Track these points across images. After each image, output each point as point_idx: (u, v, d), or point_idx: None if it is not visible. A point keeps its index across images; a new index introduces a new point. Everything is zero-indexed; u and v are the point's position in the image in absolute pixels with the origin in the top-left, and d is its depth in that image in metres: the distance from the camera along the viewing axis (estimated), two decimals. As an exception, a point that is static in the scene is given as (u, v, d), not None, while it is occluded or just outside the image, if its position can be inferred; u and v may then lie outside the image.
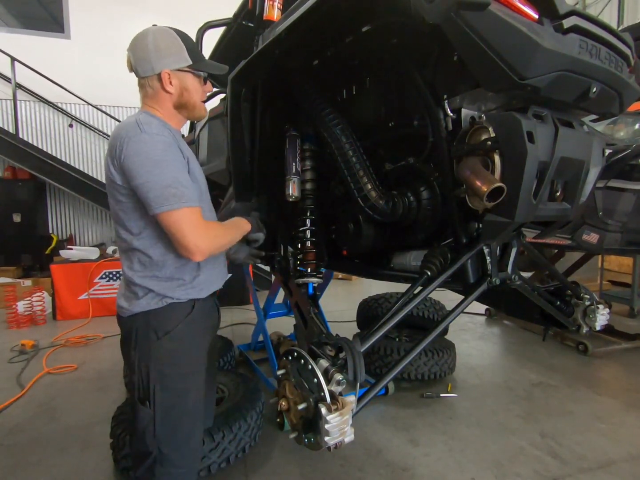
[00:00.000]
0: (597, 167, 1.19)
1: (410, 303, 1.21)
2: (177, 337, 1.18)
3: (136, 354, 1.16)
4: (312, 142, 1.59)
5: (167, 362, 1.17)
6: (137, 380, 1.16)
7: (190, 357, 1.22)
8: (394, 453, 1.99)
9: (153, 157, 1.03)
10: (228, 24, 2.56)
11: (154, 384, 1.15)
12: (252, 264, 3.51)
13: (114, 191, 1.12)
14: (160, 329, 1.16)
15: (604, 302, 1.72)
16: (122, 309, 1.20)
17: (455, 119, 1.17)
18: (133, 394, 1.18)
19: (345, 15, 1.10)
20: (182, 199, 1.04)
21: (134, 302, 1.16)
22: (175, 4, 6.95)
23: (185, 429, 1.20)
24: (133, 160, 1.03)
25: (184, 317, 1.19)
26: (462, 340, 3.62)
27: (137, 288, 1.16)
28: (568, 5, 0.93)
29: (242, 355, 3.22)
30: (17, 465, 1.93)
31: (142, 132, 1.05)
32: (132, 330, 1.17)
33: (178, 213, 1.03)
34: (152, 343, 1.15)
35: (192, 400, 1.22)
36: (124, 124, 1.10)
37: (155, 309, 1.16)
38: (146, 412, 1.15)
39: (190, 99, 1.22)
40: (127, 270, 1.18)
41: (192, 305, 1.22)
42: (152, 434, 1.15)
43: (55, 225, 7.12)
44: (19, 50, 6.15)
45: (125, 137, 1.05)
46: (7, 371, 3.09)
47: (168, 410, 1.16)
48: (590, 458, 1.94)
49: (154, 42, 1.14)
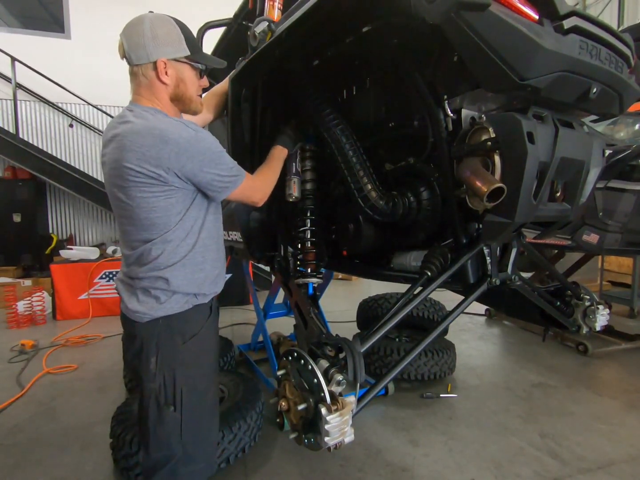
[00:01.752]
0: (597, 168, 1.19)
1: (410, 303, 1.21)
2: (202, 338, 1.18)
3: (158, 360, 1.13)
4: (312, 143, 1.59)
5: (192, 365, 1.16)
6: (160, 386, 1.13)
7: (211, 357, 1.25)
8: (394, 453, 1.99)
9: (215, 150, 1.11)
10: (228, 25, 2.56)
11: (181, 387, 1.13)
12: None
13: (151, 189, 1.05)
14: (186, 333, 1.15)
15: (604, 302, 1.72)
16: (136, 313, 1.13)
17: (456, 120, 1.17)
18: (152, 402, 1.14)
19: (345, 16, 1.10)
20: (241, 173, 1.19)
21: (156, 306, 1.12)
22: (176, 4, 6.96)
23: (206, 426, 1.23)
24: (200, 160, 1.07)
25: (206, 319, 1.21)
26: (462, 340, 3.62)
27: (159, 292, 1.12)
28: (568, 6, 0.93)
29: (242, 355, 3.22)
30: (17, 465, 1.93)
31: (196, 132, 1.08)
32: (153, 336, 1.13)
33: (242, 185, 1.20)
34: (177, 347, 1.14)
35: (211, 397, 1.25)
36: (157, 124, 1.05)
37: (178, 313, 1.14)
38: (173, 417, 1.13)
39: (187, 92, 1.18)
40: (146, 272, 1.11)
41: (210, 306, 1.24)
42: (179, 437, 1.14)
43: (55, 225, 7.12)
44: (19, 50, 6.15)
45: (179, 140, 1.03)
46: (7, 371, 3.09)
47: (194, 411, 1.16)
48: (590, 458, 1.93)
49: (151, 28, 1.08)
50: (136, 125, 1.05)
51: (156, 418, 1.14)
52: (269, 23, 1.36)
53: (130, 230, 1.12)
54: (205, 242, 1.18)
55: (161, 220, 1.09)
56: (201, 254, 1.17)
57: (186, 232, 1.13)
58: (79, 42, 6.86)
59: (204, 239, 1.17)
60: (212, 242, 1.21)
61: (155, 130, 1.03)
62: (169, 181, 1.05)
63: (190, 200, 1.13)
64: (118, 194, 1.08)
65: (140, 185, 1.04)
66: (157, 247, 1.10)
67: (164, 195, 1.07)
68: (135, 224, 1.10)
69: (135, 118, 1.07)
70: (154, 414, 1.14)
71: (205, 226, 1.18)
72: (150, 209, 1.07)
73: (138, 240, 1.12)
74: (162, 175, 1.04)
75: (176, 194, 1.08)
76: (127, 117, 1.08)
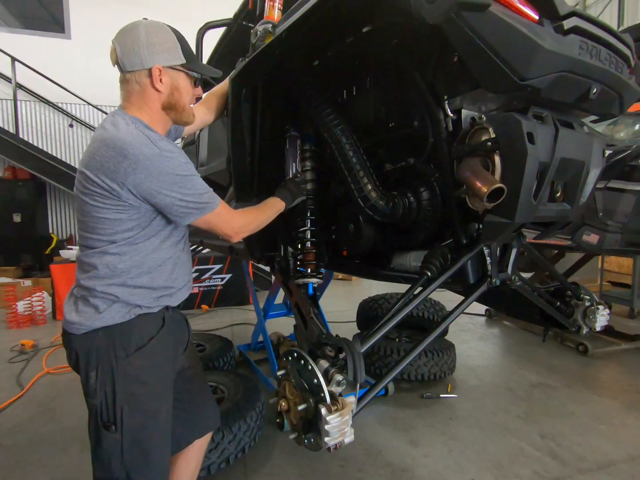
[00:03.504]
0: (598, 168, 1.19)
1: (410, 304, 1.21)
2: (149, 352, 1.09)
3: (97, 375, 1.05)
4: (312, 143, 1.59)
5: (136, 381, 1.07)
6: (100, 404, 1.05)
7: (162, 374, 1.14)
8: (394, 454, 1.99)
9: (181, 172, 1.04)
10: (228, 25, 2.56)
11: (122, 406, 1.05)
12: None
13: (103, 200, 1.02)
14: (129, 345, 1.07)
15: (604, 302, 1.72)
16: (73, 325, 1.06)
17: (456, 120, 1.17)
18: (92, 420, 1.07)
19: (345, 16, 1.10)
20: (213, 201, 1.11)
21: (94, 317, 1.05)
22: (176, 4, 6.97)
23: (157, 451, 1.12)
24: (160, 180, 1.00)
25: (157, 331, 1.12)
26: (462, 340, 3.62)
27: (98, 300, 1.06)
28: (568, 6, 0.92)
29: (242, 356, 3.22)
30: (17, 465, 1.93)
31: (160, 150, 1.01)
32: (91, 349, 1.06)
33: (213, 213, 1.12)
34: (119, 361, 1.05)
35: (163, 420, 1.13)
36: (122, 136, 1.01)
37: (121, 323, 1.07)
38: (112, 438, 1.05)
39: (180, 100, 1.14)
40: (86, 280, 1.07)
41: (162, 317, 1.15)
42: (120, 461, 1.06)
43: (55, 225, 7.12)
44: (19, 50, 6.16)
45: (139, 156, 0.98)
46: (7, 371, 3.09)
47: (138, 433, 1.07)
48: (590, 459, 1.94)
49: (146, 35, 1.06)
50: (106, 133, 1.03)
51: (96, 437, 1.07)
52: (272, 26, 1.37)
53: (81, 232, 1.10)
54: (158, 262, 1.12)
55: (106, 232, 1.05)
56: (148, 275, 1.10)
57: (134, 249, 1.07)
58: (79, 42, 6.87)
59: (156, 259, 1.11)
60: (169, 262, 1.15)
61: (118, 141, 1.00)
62: (122, 197, 1.01)
63: (148, 220, 1.08)
64: (77, 194, 1.07)
65: (94, 195, 1.02)
66: (98, 257, 1.06)
67: (115, 209, 1.03)
68: (84, 229, 1.08)
69: (110, 125, 1.04)
70: (94, 432, 1.07)
71: (163, 247, 1.13)
72: (99, 219, 1.04)
73: (84, 245, 1.09)
74: (115, 190, 1.00)
75: (128, 210, 1.03)
76: (105, 123, 1.06)
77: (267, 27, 1.47)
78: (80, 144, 7.12)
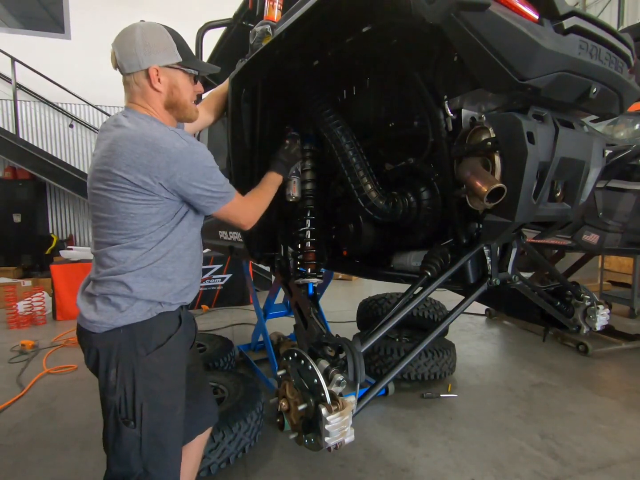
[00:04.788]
0: (598, 168, 1.19)
1: (411, 303, 1.21)
2: (167, 350, 1.13)
3: (118, 372, 1.07)
4: (312, 143, 1.59)
5: (155, 378, 1.10)
6: (119, 401, 1.07)
7: (178, 371, 1.18)
8: (394, 453, 1.99)
9: (208, 164, 1.11)
10: (228, 25, 2.56)
11: (141, 403, 1.08)
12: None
13: (133, 196, 1.03)
14: (149, 343, 1.09)
15: (604, 302, 1.72)
16: (93, 323, 1.07)
17: (456, 120, 1.17)
18: (111, 416, 1.09)
19: (345, 16, 1.10)
20: (231, 191, 1.19)
21: (116, 315, 1.07)
22: (176, 4, 6.97)
23: (173, 446, 1.16)
24: (191, 172, 1.06)
25: (175, 329, 1.16)
26: (462, 340, 3.62)
27: (119, 299, 1.07)
28: (568, 6, 0.92)
29: (242, 356, 3.22)
30: (17, 465, 1.93)
31: (189, 144, 1.06)
32: (113, 347, 1.07)
33: (230, 204, 1.19)
34: (139, 358, 1.08)
35: (179, 415, 1.17)
36: (151, 133, 1.04)
37: (142, 321, 1.09)
38: (131, 433, 1.08)
39: (181, 98, 1.16)
40: (109, 275, 1.07)
41: (179, 315, 1.19)
42: (139, 455, 1.09)
43: (55, 225, 7.12)
44: (19, 50, 6.16)
45: (172, 150, 1.02)
46: (7, 371, 3.09)
47: (156, 428, 1.10)
48: (590, 459, 1.94)
49: (142, 36, 1.08)
50: (129, 131, 1.04)
51: (115, 433, 1.08)
52: (270, 26, 1.37)
53: (102, 230, 1.09)
54: (180, 253, 1.15)
55: (135, 227, 1.06)
56: (172, 264, 1.13)
57: (160, 242, 1.10)
58: (79, 42, 6.87)
59: (179, 249, 1.15)
60: (188, 254, 1.18)
61: (148, 138, 1.02)
62: (155, 190, 1.04)
63: (173, 212, 1.12)
64: (99, 192, 1.06)
65: (123, 191, 1.03)
66: (124, 251, 1.07)
67: (145, 204, 1.05)
68: (109, 226, 1.07)
69: (129, 124, 1.06)
70: (113, 428, 1.09)
71: (184, 239, 1.16)
72: (128, 214, 1.05)
73: (107, 241, 1.09)
74: (148, 184, 1.02)
75: (158, 204, 1.07)
76: (122, 122, 1.07)
77: (265, 28, 1.48)
78: (80, 144, 7.13)
